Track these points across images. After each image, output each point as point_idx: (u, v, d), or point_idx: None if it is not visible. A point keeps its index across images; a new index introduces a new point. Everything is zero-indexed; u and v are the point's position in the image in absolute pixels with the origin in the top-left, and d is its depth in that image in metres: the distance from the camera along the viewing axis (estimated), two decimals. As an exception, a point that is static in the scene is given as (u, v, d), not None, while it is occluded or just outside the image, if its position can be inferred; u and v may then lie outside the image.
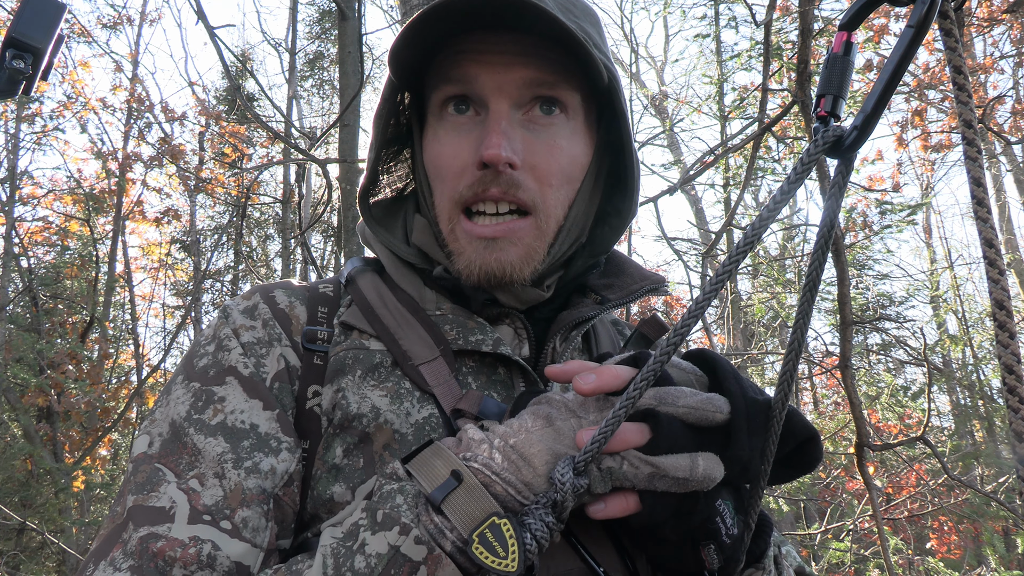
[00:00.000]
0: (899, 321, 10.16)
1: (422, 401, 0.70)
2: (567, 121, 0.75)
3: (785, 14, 6.88)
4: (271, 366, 0.71)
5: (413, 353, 0.72)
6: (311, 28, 13.85)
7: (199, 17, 2.94)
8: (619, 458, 0.57)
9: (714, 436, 0.59)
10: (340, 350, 0.73)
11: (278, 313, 0.75)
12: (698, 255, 9.78)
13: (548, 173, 0.73)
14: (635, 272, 0.84)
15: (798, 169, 0.52)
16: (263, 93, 5.73)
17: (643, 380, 0.54)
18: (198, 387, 0.68)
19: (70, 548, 6.44)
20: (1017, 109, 10.02)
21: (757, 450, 0.59)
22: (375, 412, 0.69)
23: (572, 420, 0.60)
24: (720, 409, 0.59)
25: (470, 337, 0.73)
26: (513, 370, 0.74)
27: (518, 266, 0.72)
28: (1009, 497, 6.22)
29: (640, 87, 13.30)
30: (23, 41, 0.88)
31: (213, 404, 0.67)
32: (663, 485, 0.57)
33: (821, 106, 0.54)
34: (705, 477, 0.56)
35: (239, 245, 12.46)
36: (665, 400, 0.58)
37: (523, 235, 0.72)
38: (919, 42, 0.50)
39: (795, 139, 7.29)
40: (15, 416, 8.16)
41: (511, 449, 0.58)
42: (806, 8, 2.56)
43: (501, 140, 0.69)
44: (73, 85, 9.73)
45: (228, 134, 10.95)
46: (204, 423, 0.66)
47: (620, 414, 0.54)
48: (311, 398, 0.71)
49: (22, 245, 9.44)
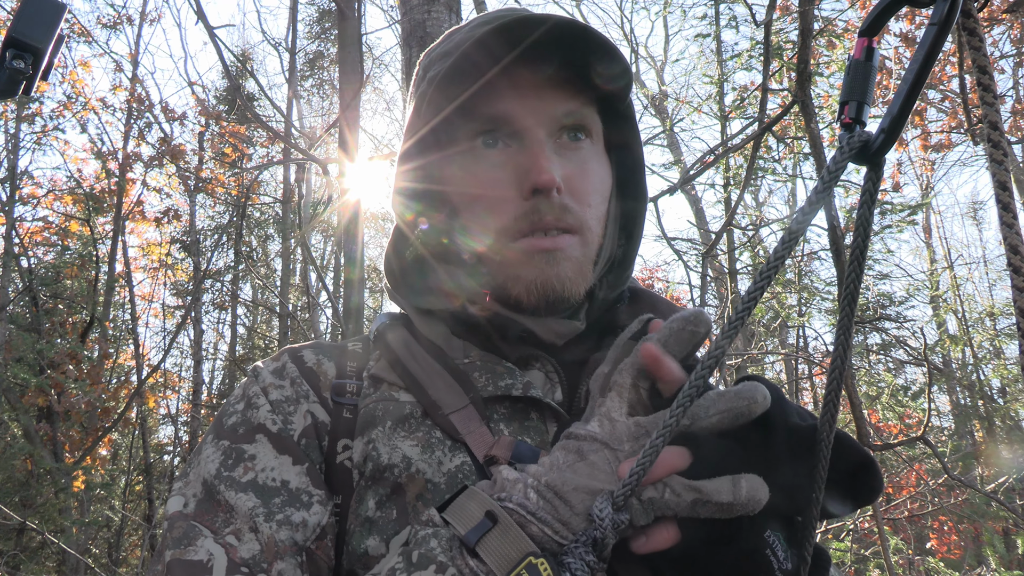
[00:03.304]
0: (899, 321, 10.15)
1: (454, 450, 0.69)
2: (592, 145, 0.78)
3: (785, 14, 6.88)
4: (299, 422, 0.72)
5: (443, 402, 0.71)
6: (311, 28, 13.86)
7: (199, 17, 2.94)
8: (661, 486, 0.55)
9: (758, 456, 0.56)
10: (370, 402, 0.73)
11: (306, 371, 0.76)
12: (698, 255, 9.77)
13: (585, 193, 0.75)
14: (665, 308, 0.83)
15: (825, 178, 0.50)
16: (263, 93, 5.74)
17: (679, 407, 0.52)
18: (228, 445, 0.69)
19: (70, 548, 6.44)
20: (1017, 109, 10.02)
21: (802, 476, 0.56)
22: (406, 462, 0.68)
23: (605, 452, 0.58)
24: (753, 398, 0.55)
25: (499, 382, 0.72)
26: (546, 415, 0.73)
27: (575, 280, 0.73)
28: (1009, 497, 6.22)
29: (640, 87, 13.30)
30: (23, 41, 0.88)
31: (243, 462, 0.68)
32: (706, 511, 0.54)
33: (845, 113, 0.53)
34: (750, 499, 0.53)
35: (239, 245, 12.46)
36: (696, 415, 0.56)
37: (574, 250, 0.73)
38: (942, 41, 0.49)
39: (795, 139, 7.28)
40: (15, 416, 8.16)
41: (546, 487, 0.57)
42: (806, 8, 2.56)
43: (550, 164, 0.71)
44: (73, 85, 9.73)
45: (228, 134, 10.95)
46: (235, 480, 0.66)
47: (658, 443, 0.52)
48: (341, 452, 0.71)
49: (22, 245, 9.44)
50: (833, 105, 7.54)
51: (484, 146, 0.75)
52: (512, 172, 0.73)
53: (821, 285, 10.11)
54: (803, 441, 0.56)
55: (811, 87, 2.53)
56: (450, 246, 0.79)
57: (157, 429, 14.21)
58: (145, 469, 11.02)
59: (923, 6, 0.51)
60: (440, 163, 0.79)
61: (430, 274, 0.83)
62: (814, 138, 2.87)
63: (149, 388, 11.12)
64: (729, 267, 8.56)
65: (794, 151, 7.93)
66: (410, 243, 0.85)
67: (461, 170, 0.77)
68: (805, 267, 10.45)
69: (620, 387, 0.62)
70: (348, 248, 4.96)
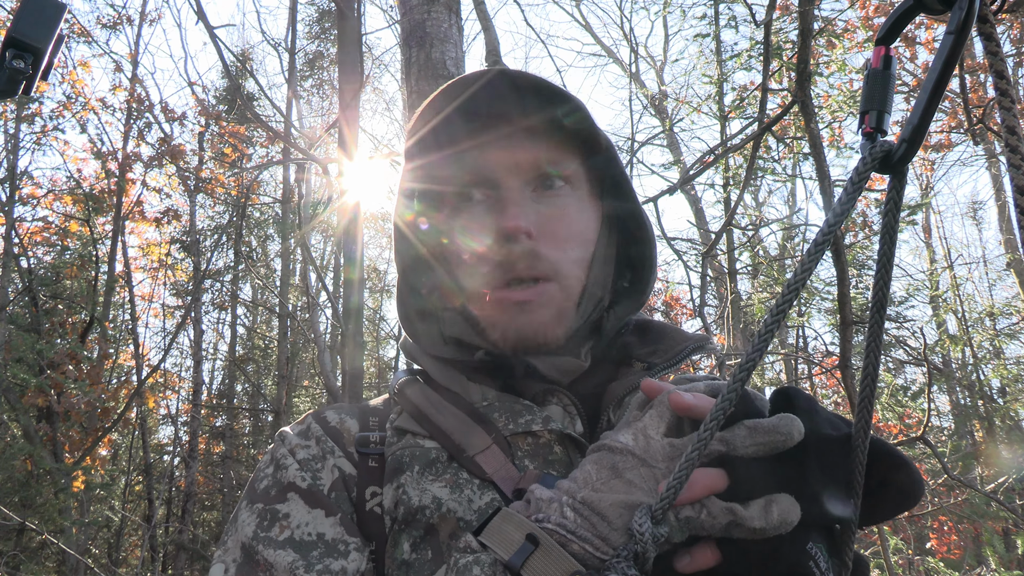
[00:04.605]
0: (899, 321, 10.16)
1: (482, 488, 0.71)
2: (572, 191, 0.80)
3: (785, 14, 6.88)
4: (327, 477, 0.74)
5: (466, 445, 0.73)
6: (311, 28, 13.86)
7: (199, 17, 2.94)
8: (698, 506, 0.55)
9: (792, 474, 0.56)
10: (395, 449, 0.75)
11: (330, 430, 0.78)
12: (698, 255, 9.77)
13: (562, 238, 0.77)
14: (677, 335, 0.85)
15: (848, 190, 0.50)
16: (263, 93, 5.74)
17: (713, 420, 0.53)
18: (261, 507, 0.71)
19: (70, 548, 6.44)
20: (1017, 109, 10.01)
21: (838, 487, 0.56)
22: (437, 503, 0.69)
23: (642, 469, 0.58)
24: (789, 435, 0.56)
25: (519, 419, 0.74)
26: (569, 448, 0.74)
27: (551, 325, 0.76)
28: (1009, 497, 6.22)
29: (640, 87, 13.30)
30: (23, 41, 0.88)
31: (278, 521, 0.69)
32: (740, 534, 0.55)
33: (866, 123, 0.52)
34: (781, 522, 0.54)
35: (239, 245, 12.46)
36: (733, 445, 0.57)
37: (551, 297, 0.76)
38: (960, 47, 0.48)
39: (795, 139, 7.29)
40: (15, 416, 8.16)
41: (582, 504, 0.57)
42: (806, 8, 2.56)
43: (517, 210, 0.75)
44: (73, 85, 9.73)
45: (228, 134, 10.95)
46: (272, 539, 0.68)
47: (693, 457, 0.53)
48: (370, 499, 0.73)
49: (22, 245, 9.44)
50: (833, 105, 7.55)
51: (465, 199, 0.80)
52: (491, 223, 0.77)
53: (820, 285, 10.12)
54: (837, 453, 0.56)
55: (811, 87, 2.54)
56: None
57: (157, 429, 14.22)
58: (145, 469, 11.02)
59: (938, 13, 0.50)
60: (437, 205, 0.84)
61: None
62: (814, 138, 2.87)
63: (149, 388, 11.12)
64: (729, 267, 8.56)
65: (794, 151, 7.93)
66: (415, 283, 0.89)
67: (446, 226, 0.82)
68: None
69: (664, 408, 0.62)
70: (348, 248, 4.96)
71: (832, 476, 0.56)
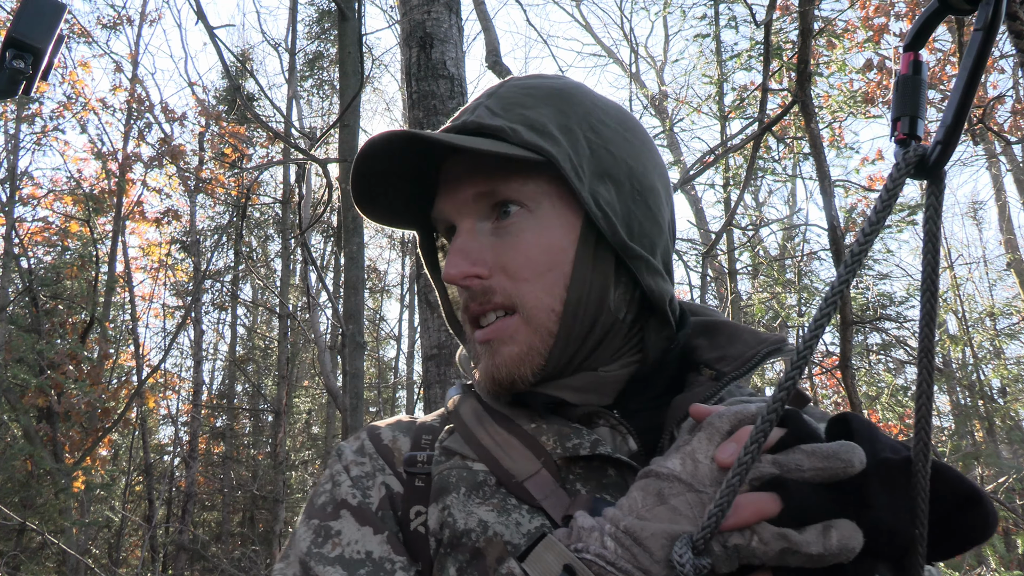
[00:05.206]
0: (899, 321, 10.15)
1: (531, 512, 0.70)
2: (530, 214, 0.75)
3: (785, 14, 6.89)
4: (375, 495, 0.75)
5: (515, 470, 0.72)
6: (311, 28, 13.86)
7: (199, 17, 2.93)
8: (748, 533, 0.52)
9: (852, 499, 0.53)
10: (443, 469, 0.75)
11: (381, 448, 0.79)
12: (698, 255, 9.78)
13: (519, 268, 0.74)
14: (750, 338, 0.79)
15: (883, 198, 0.49)
16: (263, 93, 5.74)
17: (753, 443, 0.50)
18: (317, 523, 0.73)
19: (70, 549, 6.44)
20: (1017, 109, 10.03)
21: (901, 513, 0.52)
22: (483, 526, 0.69)
23: (689, 495, 0.56)
24: (849, 462, 0.52)
25: (567, 443, 0.72)
26: (624, 470, 0.72)
27: (517, 363, 0.73)
28: (1009, 497, 6.22)
29: (640, 87, 13.31)
30: (23, 41, 0.88)
31: (331, 538, 0.71)
32: (796, 561, 0.51)
33: (898, 129, 0.51)
34: (842, 548, 0.51)
35: (239, 245, 12.47)
36: (788, 468, 0.54)
37: (513, 332, 0.73)
38: (990, 45, 0.48)
39: (795, 139, 7.29)
40: (15, 417, 8.16)
41: (624, 534, 0.55)
42: (806, 8, 2.56)
43: (456, 258, 0.73)
44: (73, 85, 9.74)
45: (228, 134, 10.95)
46: (324, 556, 0.69)
47: (736, 480, 0.51)
48: (414, 519, 0.73)
49: (22, 245, 9.44)
50: (833, 105, 7.55)
51: (440, 249, 0.83)
52: None
53: (821, 285, 10.12)
54: (901, 477, 0.53)
55: (811, 87, 2.54)
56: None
57: (157, 430, 14.22)
58: (145, 469, 11.03)
59: (966, 14, 0.50)
60: None
61: None
62: (814, 138, 2.88)
63: (149, 388, 11.13)
64: (729, 267, 8.57)
65: (794, 151, 7.94)
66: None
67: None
68: (805, 267, 10.46)
69: (713, 430, 0.59)
70: (348, 249, 4.96)
71: (897, 502, 0.53)
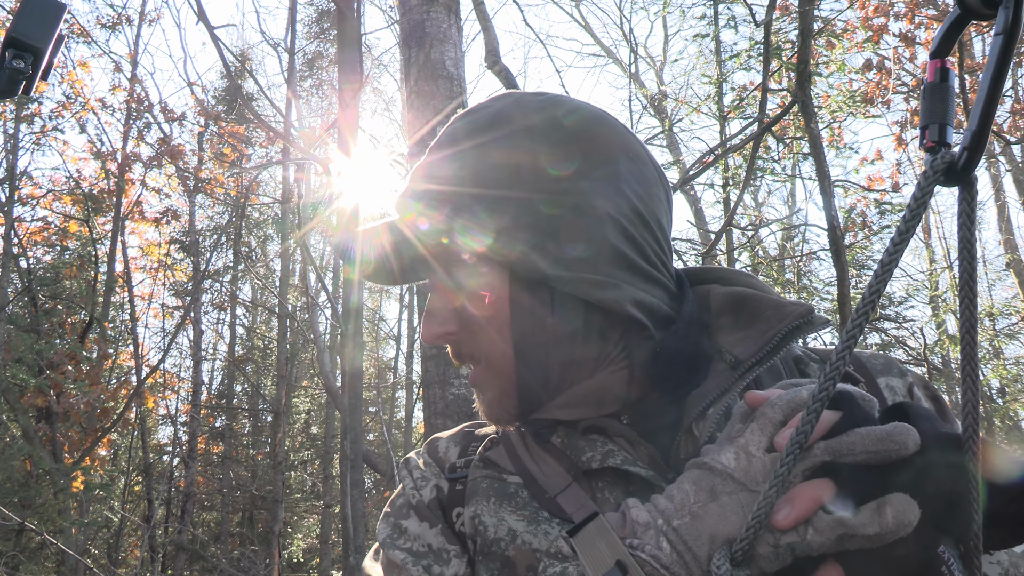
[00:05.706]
0: (899, 321, 10.16)
1: (562, 526, 0.70)
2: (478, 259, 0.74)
3: (785, 14, 6.89)
4: (427, 494, 0.81)
5: (548, 486, 0.73)
6: (310, 28, 13.87)
7: (199, 17, 2.93)
8: (803, 528, 0.51)
9: (908, 476, 0.52)
10: (478, 475, 0.78)
11: (436, 458, 0.86)
12: (698, 255, 9.78)
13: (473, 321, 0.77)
14: (772, 313, 0.73)
15: (912, 206, 0.49)
16: (262, 93, 5.74)
17: (795, 444, 0.49)
18: (393, 521, 0.81)
19: (69, 549, 6.44)
20: (1016, 109, 10.03)
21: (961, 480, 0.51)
22: (512, 535, 0.70)
23: (741, 494, 0.54)
24: (904, 444, 0.51)
25: (582, 457, 0.73)
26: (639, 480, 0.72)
27: (495, 408, 0.78)
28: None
29: (639, 87, 13.31)
30: (23, 41, 0.88)
31: (403, 534, 0.79)
32: (854, 545, 0.50)
33: (927, 137, 0.52)
34: (898, 524, 0.49)
35: (238, 245, 12.47)
36: (839, 452, 0.52)
37: (484, 380, 0.79)
38: (1012, 48, 0.48)
39: (794, 139, 7.29)
40: (14, 417, 8.16)
41: (675, 535, 0.54)
42: (806, 8, 2.56)
43: (426, 321, 0.80)
44: (72, 85, 9.74)
45: (227, 134, 10.95)
46: (396, 546, 0.78)
47: (771, 494, 0.50)
48: (456, 520, 0.78)
49: (21, 245, 9.44)
50: (832, 105, 7.55)
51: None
52: None
53: (820, 285, 10.12)
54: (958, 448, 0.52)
55: (811, 87, 2.54)
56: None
57: (156, 430, 14.22)
58: (144, 470, 11.02)
59: (987, 19, 0.50)
60: None
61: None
62: (814, 138, 2.88)
63: (148, 389, 11.12)
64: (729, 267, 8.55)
65: (793, 151, 7.94)
66: None
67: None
68: (804, 267, 10.47)
69: (766, 420, 0.56)
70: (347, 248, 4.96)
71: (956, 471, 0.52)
